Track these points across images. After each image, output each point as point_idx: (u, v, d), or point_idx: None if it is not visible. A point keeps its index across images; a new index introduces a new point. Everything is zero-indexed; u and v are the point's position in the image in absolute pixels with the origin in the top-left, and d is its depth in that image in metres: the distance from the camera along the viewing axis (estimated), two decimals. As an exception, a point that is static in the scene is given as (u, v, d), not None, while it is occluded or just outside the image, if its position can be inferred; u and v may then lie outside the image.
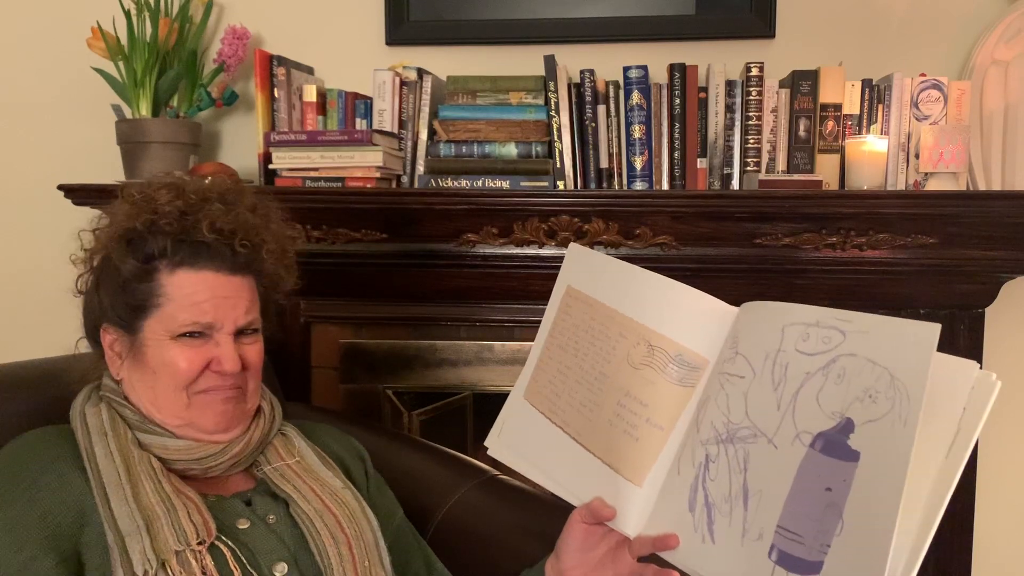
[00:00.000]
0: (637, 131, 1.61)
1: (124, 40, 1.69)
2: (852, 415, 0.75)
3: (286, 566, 0.91)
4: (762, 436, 0.81)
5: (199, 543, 0.85)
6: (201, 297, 0.95)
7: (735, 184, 1.62)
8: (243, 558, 0.88)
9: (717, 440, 0.84)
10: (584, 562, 0.92)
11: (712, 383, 0.87)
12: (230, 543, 0.88)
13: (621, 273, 0.95)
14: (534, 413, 0.98)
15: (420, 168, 1.67)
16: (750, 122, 1.60)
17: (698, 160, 1.63)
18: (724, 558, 0.80)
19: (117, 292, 0.97)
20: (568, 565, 0.93)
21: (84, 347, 1.07)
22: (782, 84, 1.64)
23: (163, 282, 0.95)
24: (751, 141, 1.61)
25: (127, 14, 1.68)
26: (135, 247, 0.96)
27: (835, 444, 0.76)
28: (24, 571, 0.82)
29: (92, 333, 1.02)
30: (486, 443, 1.02)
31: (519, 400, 1.01)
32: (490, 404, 1.90)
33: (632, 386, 0.89)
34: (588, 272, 0.99)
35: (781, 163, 1.63)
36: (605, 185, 1.65)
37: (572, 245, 1.04)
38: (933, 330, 0.72)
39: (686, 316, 0.89)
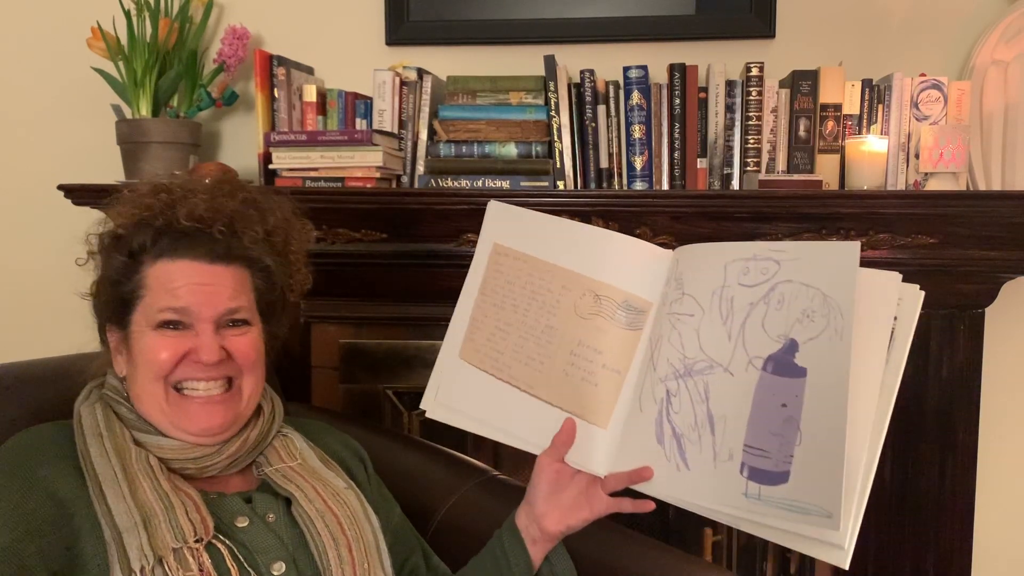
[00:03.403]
0: (637, 131, 1.61)
1: (124, 40, 1.69)
2: (795, 335, 0.83)
3: (284, 565, 0.90)
4: (718, 366, 0.87)
5: (196, 541, 0.85)
6: (176, 284, 0.95)
7: (735, 184, 1.62)
8: (240, 556, 0.88)
9: (676, 376, 0.90)
10: (557, 505, 0.96)
11: (662, 323, 0.92)
12: (228, 541, 0.88)
13: (550, 226, 1.00)
14: (474, 371, 1.01)
15: (420, 168, 1.67)
16: (750, 122, 1.60)
17: (698, 160, 1.63)
18: (700, 481, 0.86)
19: (109, 290, 0.98)
20: (542, 510, 0.97)
21: (91, 347, 1.07)
22: (782, 84, 1.64)
23: (145, 273, 0.96)
24: (751, 141, 1.61)
25: (127, 14, 1.68)
26: (122, 244, 0.98)
27: (783, 364, 0.83)
28: (6, 551, 0.82)
29: (101, 333, 1.03)
30: (422, 404, 1.04)
31: (454, 359, 1.03)
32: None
33: (584, 335, 0.95)
34: (514, 228, 1.02)
35: (781, 163, 1.63)
36: (605, 185, 1.65)
37: (492, 202, 1.06)
38: (853, 248, 0.81)
39: (625, 263, 0.95)
